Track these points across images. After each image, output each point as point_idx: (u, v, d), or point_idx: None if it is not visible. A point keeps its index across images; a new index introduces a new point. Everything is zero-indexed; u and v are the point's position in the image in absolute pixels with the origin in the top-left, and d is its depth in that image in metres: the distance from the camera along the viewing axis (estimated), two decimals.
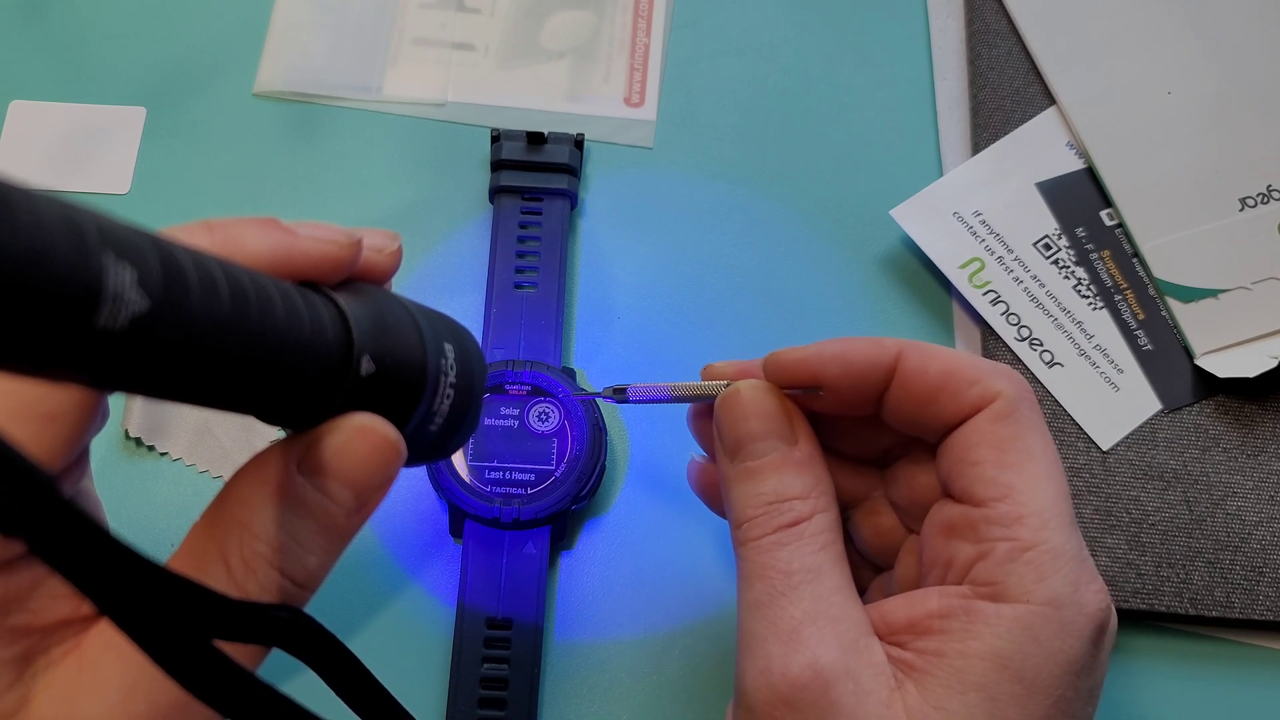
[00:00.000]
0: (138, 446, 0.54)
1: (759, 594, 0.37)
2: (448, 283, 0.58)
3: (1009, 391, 0.37)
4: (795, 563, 0.37)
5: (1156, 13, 0.62)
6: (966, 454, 0.37)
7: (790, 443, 0.39)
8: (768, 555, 0.37)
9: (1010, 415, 0.37)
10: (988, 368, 0.38)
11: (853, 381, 0.38)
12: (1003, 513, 0.35)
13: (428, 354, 0.32)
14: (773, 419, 0.39)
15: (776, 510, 0.38)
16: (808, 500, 0.38)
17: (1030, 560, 0.34)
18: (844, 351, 0.38)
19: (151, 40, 0.64)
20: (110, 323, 0.20)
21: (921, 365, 0.38)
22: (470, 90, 0.63)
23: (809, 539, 0.37)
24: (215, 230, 0.30)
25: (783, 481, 0.38)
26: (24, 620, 0.29)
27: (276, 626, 0.27)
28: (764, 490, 0.38)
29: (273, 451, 0.30)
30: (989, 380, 0.37)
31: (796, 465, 0.39)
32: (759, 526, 0.38)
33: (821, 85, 0.64)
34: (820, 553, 0.37)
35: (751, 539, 0.38)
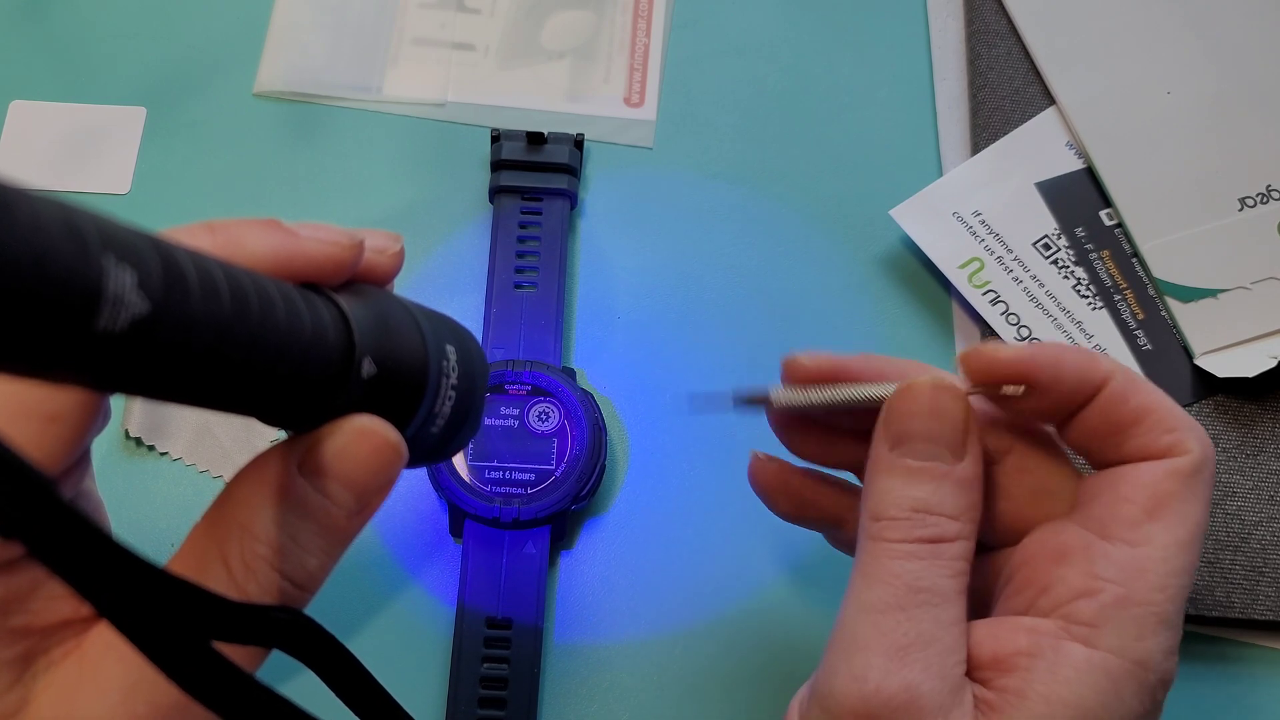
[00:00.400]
0: (138, 446, 0.54)
1: (877, 598, 0.35)
2: (448, 283, 0.58)
3: (1198, 454, 0.36)
4: (925, 580, 0.35)
5: (1156, 13, 0.62)
6: (1125, 489, 0.36)
7: (958, 457, 0.37)
8: (898, 563, 0.35)
9: (1190, 477, 0.35)
10: (1187, 421, 0.36)
11: (1057, 390, 0.37)
12: (1128, 558, 0.34)
13: (429, 356, 0.32)
14: (950, 425, 0.37)
15: (921, 520, 0.36)
16: (956, 522, 0.36)
17: (1137, 616, 0.34)
18: (1059, 359, 0.37)
19: (151, 40, 0.64)
20: (110, 325, 0.20)
21: (1125, 395, 0.36)
22: (470, 90, 0.63)
23: (945, 562, 0.36)
24: (217, 231, 0.30)
25: (937, 494, 0.36)
26: (24, 621, 0.29)
27: (276, 628, 0.27)
28: (915, 494, 0.36)
29: (273, 453, 0.30)
30: (1185, 433, 0.36)
31: (956, 482, 0.36)
32: (899, 530, 0.36)
33: (821, 85, 0.64)
34: (952, 579, 0.35)
35: (886, 539, 0.36)
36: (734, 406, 0.39)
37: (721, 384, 0.57)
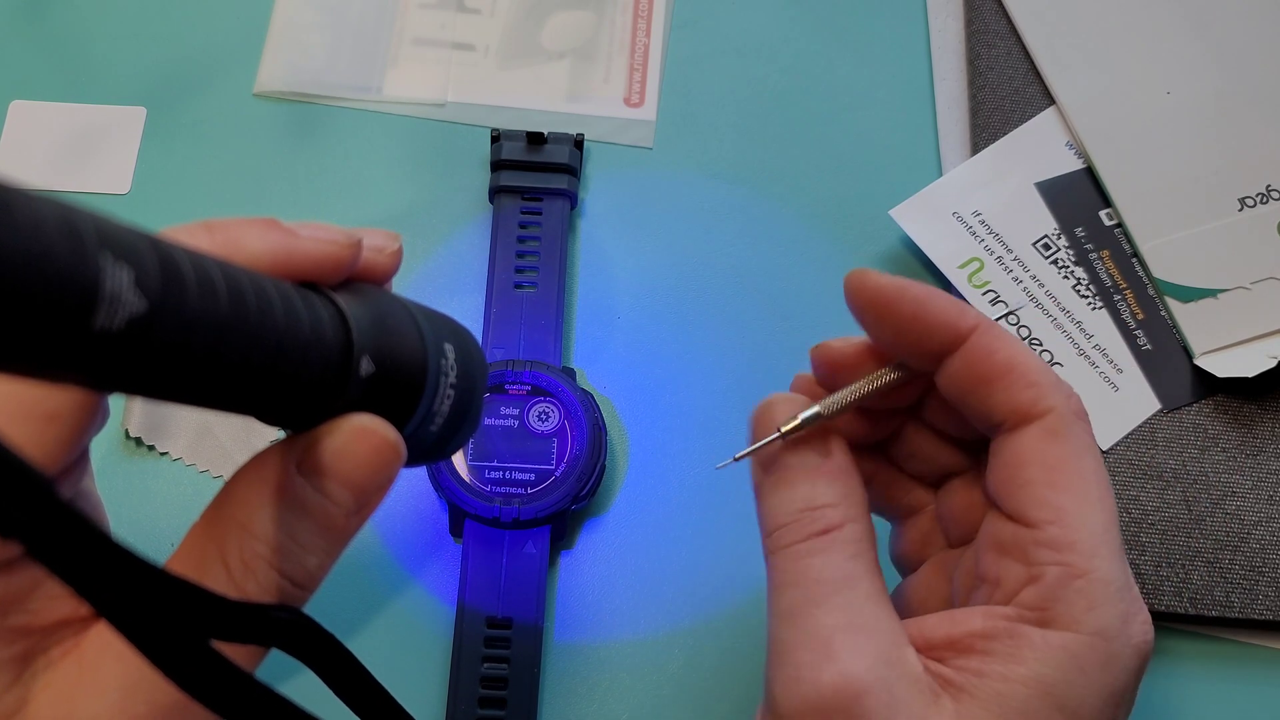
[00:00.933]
0: (138, 446, 0.54)
1: (791, 602, 0.36)
2: (448, 283, 0.58)
3: (1062, 408, 0.36)
4: (828, 571, 0.36)
5: (1156, 13, 0.62)
6: (1018, 472, 0.36)
7: (823, 454, 0.38)
8: (800, 563, 0.36)
9: (1063, 434, 0.36)
10: (1050, 377, 0.37)
11: (922, 331, 0.37)
12: (1054, 536, 0.34)
13: (428, 354, 0.32)
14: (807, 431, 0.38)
15: (809, 517, 0.37)
16: (839, 508, 0.37)
17: (1081, 589, 0.34)
18: (928, 299, 0.37)
19: (151, 40, 0.64)
20: (108, 324, 0.20)
21: (990, 347, 0.37)
22: (470, 90, 0.63)
23: (841, 546, 0.36)
24: (215, 231, 0.30)
25: (815, 488, 0.37)
26: (23, 620, 0.29)
27: (275, 627, 0.27)
28: (796, 497, 0.37)
29: (272, 452, 0.30)
30: (1046, 389, 0.36)
31: (829, 474, 0.38)
32: (791, 533, 0.37)
33: (821, 85, 0.64)
34: (853, 561, 0.36)
35: (783, 546, 0.37)
36: (783, 440, 0.39)
37: (721, 384, 0.57)
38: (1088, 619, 0.33)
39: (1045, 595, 0.34)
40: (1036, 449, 0.36)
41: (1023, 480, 0.36)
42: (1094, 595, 0.34)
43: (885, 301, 0.38)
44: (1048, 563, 0.34)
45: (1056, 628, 0.34)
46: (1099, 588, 0.34)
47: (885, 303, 0.38)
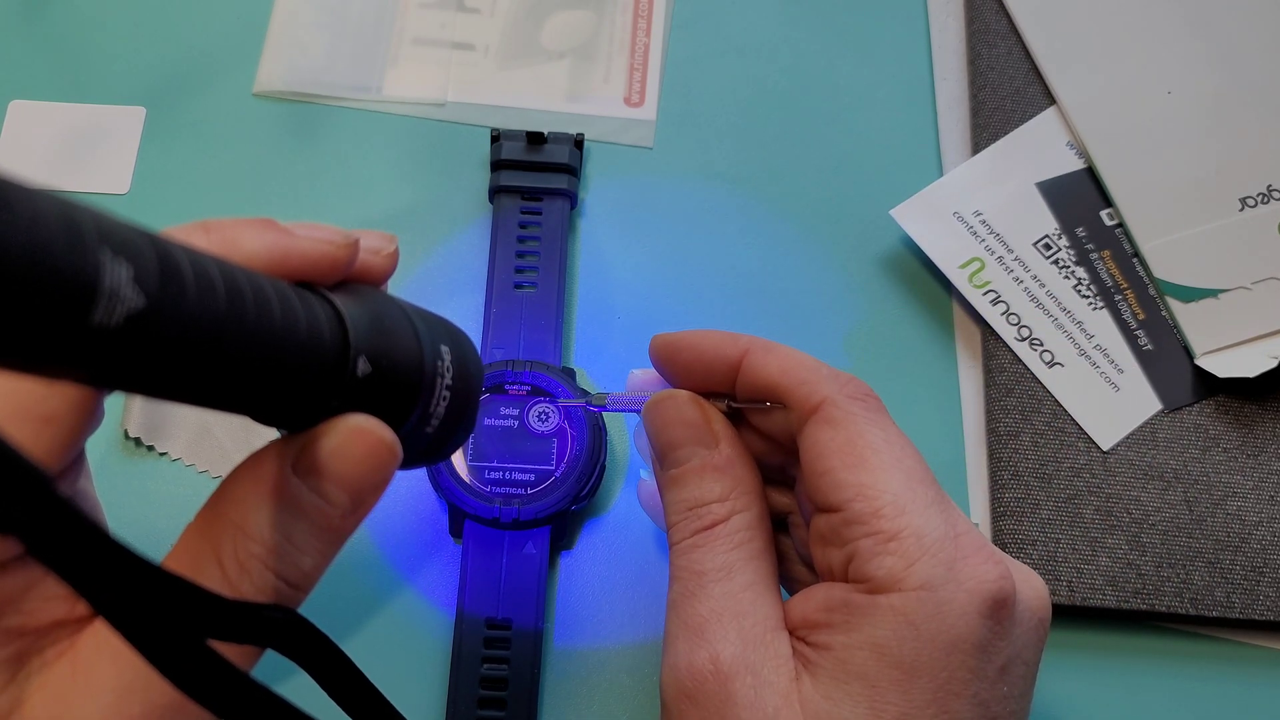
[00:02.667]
0: (137, 446, 0.54)
1: (675, 594, 0.38)
2: (448, 283, 0.58)
3: (834, 394, 0.38)
4: (708, 563, 0.38)
5: (1156, 13, 0.62)
6: (814, 465, 0.38)
7: (710, 446, 0.40)
8: (685, 557, 0.39)
9: (840, 419, 0.38)
10: (822, 372, 0.39)
11: (705, 369, 0.41)
12: (858, 511, 0.36)
13: (424, 356, 0.32)
14: (692, 424, 0.41)
15: (695, 515, 0.39)
16: (725, 503, 0.39)
17: (894, 549, 0.35)
18: (699, 341, 0.41)
19: (151, 40, 0.64)
20: (106, 320, 0.20)
21: (761, 362, 0.40)
22: (470, 90, 0.63)
23: (723, 539, 0.38)
24: (212, 231, 0.30)
25: (701, 486, 0.40)
26: (18, 621, 0.29)
27: (270, 627, 0.27)
28: (685, 496, 0.40)
29: (268, 452, 0.30)
30: (816, 382, 0.38)
31: (715, 470, 0.40)
32: (679, 530, 0.39)
33: (821, 85, 0.64)
34: (733, 551, 0.38)
35: (673, 543, 0.40)
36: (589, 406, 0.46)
37: None
38: (908, 576, 0.35)
39: (865, 566, 0.35)
40: (823, 439, 0.38)
41: (819, 471, 0.37)
42: (908, 552, 0.35)
43: (669, 350, 0.42)
44: (858, 537, 0.36)
45: (881, 591, 0.35)
46: (911, 544, 0.35)
47: (669, 351, 0.42)
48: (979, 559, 0.35)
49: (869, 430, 0.37)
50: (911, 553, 0.35)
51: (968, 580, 0.35)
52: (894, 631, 0.34)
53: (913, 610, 0.34)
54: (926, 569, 0.35)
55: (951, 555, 0.35)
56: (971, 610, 0.34)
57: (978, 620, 0.35)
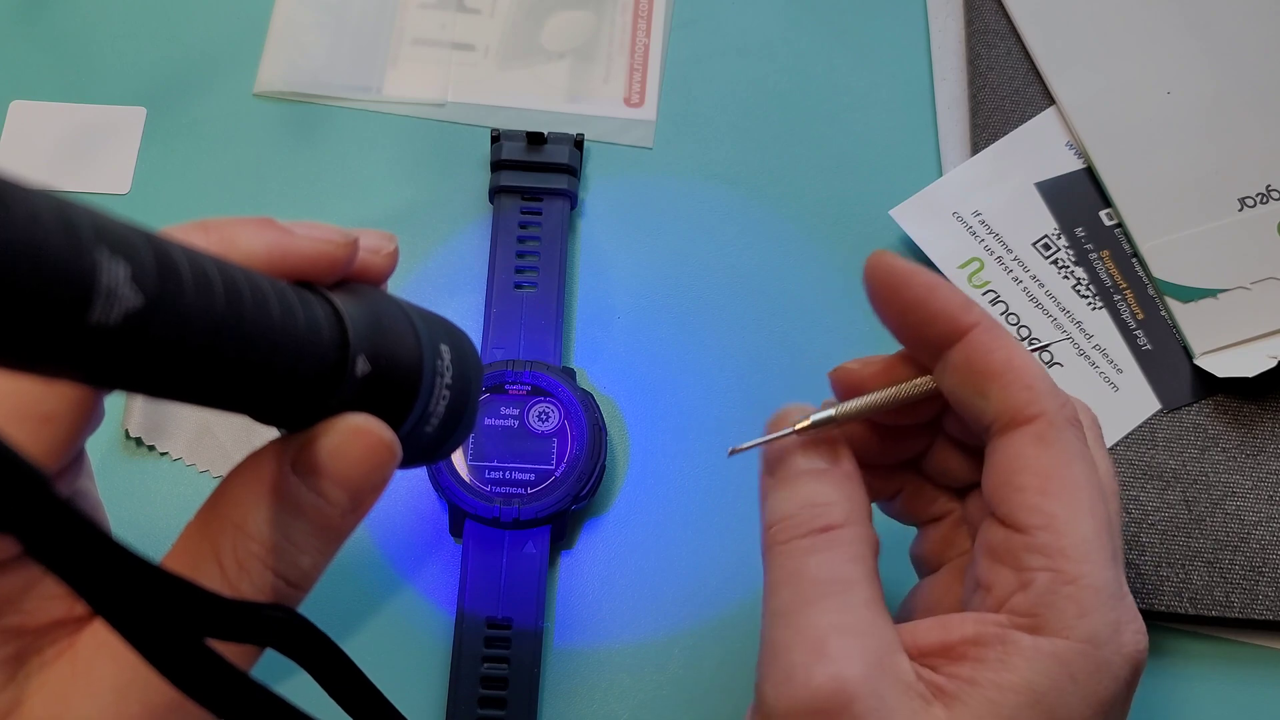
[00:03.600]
0: (138, 446, 0.54)
1: (786, 601, 0.36)
2: (448, 283, 0.58)
3: (1053, 413, 0.36)
4: (826, 571, 0.35)
5: (1156, 13, 0.62)
6: (1010, 478, 0.36)
7: (830, 460, 0.38)
8: (798, 560, 0.36)
9: (1054, 440, 0.36)
10: (1046, 383, 0.37)
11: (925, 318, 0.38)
12: (1045, 542, 0.34)
13: (423, 355, 0.32)
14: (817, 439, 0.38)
15: (810, 513, 0.37)
16: (841, 507, 0.37)
17: (1071, 595, 0.34)
18: (934, 287, 0.38)
19: (151, 40, 0.64)
20: (103, 318, 0.20)
21: (989, 345, 0.37)
22: (470, 90, 0.63)
23: (842, 548, 0.36)
24: (211, 230, 0.30)
25: (819, 489, 0.37)
26: (17, 621, 0.29)
27: (269, 626, 0.27)
28: (799, 494, 0.37)
29: (267, 451, 0.30)
30: (1039, 394, 0.36)
31: (834, 478, 0.38)
32: (791, 528, 0.37)
33: (821, 85, 0.64)
34: (852, 564, 0.36)
35: (781, 542, 0.37)
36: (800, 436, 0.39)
37: (721, 383, 0.57)
38: (1078, 625, 0.33)
39: (1035, 601, 0.34)
40: (1027, 454, 0.36)
41: (1015, 485, 0.36)
42: (1084, 601, 0.33)
43: (895, 283, 0.38)
44: (1038, 568, 0.34)
45: (1047, 634, 0.33)
46: (1089, 594, 0.34)
47: (895, 284, 0.38)
48: (1136, 625, 0.35)
49: (1077, 463, 0.36)
50: (1086, 604, 0.33)
51: (1127, 645, 0.34)
52: (1053, 681, 0.33)
53: (1076, 663, 0.33)
54: (1096, 624, 0.33)
55: (1118, 615, 0.34)
56: (1123, 675, 0.34)
57: (1125, 686, 0.34)
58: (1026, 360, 0.37)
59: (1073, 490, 0.35)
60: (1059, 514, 0.35)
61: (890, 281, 0.38)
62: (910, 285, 0.38)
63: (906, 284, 0.38)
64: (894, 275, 0.38)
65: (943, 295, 0.37)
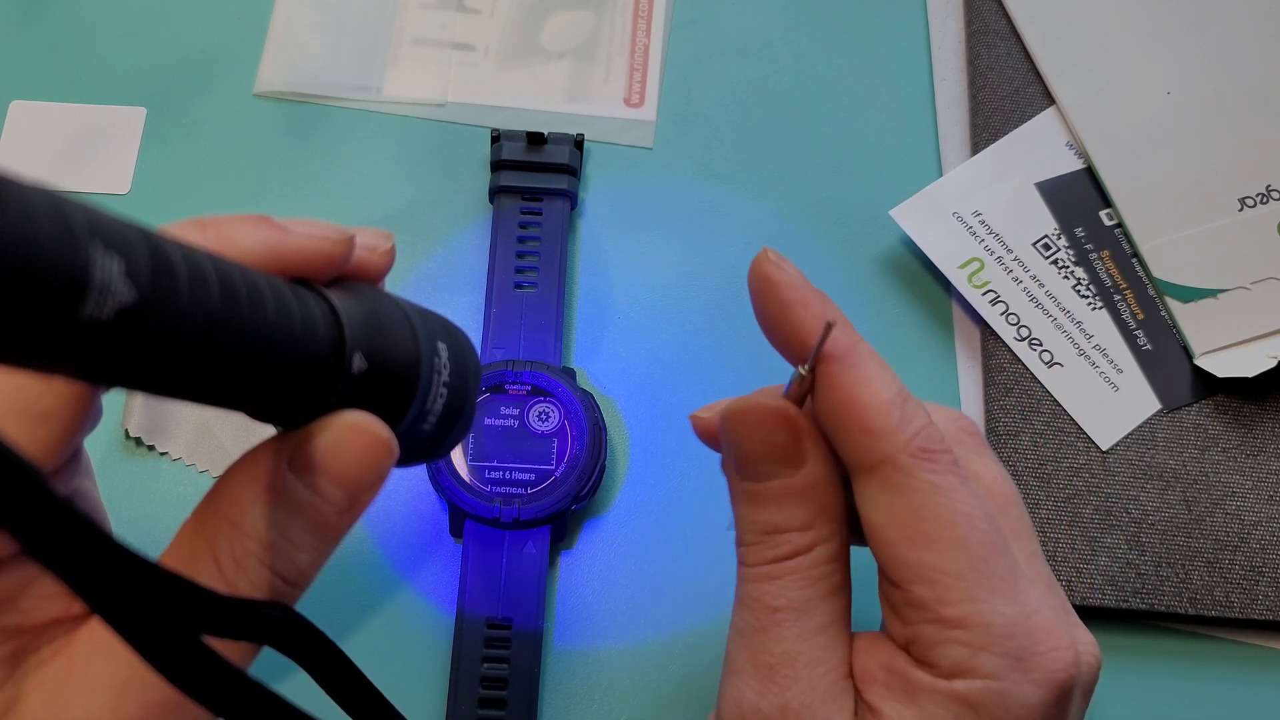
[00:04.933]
0: (138, 446, 0.54)
1: (744, 623, 0.36)
2: (448, 283, 0.58)
3: (897, 457, 0.34)
4: (782, 598, 0.35)
5: (1156, 13, 0.62)
6: (873, 533, 0.35)
7: (795, 466, 0.36)
8: (757, 586, 0.36)
9: (902, 486, 0.34)
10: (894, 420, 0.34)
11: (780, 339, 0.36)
12: (919, 595, 0.34)
13: (420, 352, 0.31)
14: (775, 440, 0.36)
15: (772, 541, 0.36)
16: (807, 533, 0.36)
17: (959, 638, 0.33)
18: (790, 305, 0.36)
19: (151, 40, 0.64)
20: (97, 313, 0.20)
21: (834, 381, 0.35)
22: (470, 90, 0.63)
23: (801, 574, 0.36)
24: (207, 227, 0.30)
25: (781, 511, 0.36)
26: (14, 620, 0.29)
27: (266, 624, 0.27)
28: (762, 518, 0.36)
29: (264, 449, 0.30)
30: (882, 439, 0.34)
31: (799, 493, 0.36)
32: (753, 554, 0.36)
33: (821, 85, 0.64)
34: (810, 588, 0.35)
35: (745, 564, 0.37)
36: None
37: (721, 383, 0.57)
38: (973, 664, 0.33)
39: (927, 651, 0.34)
40: (880, 505, 0.35)
41: (880, 542, 0.35)
42: (973, 641, 0.33)
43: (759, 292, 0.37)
44: (919, 621, 0.34)
45: (944, 676, 0.33)
46: (977, 633, 0.33)
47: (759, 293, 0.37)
48: (1049, 644, 0.33)
49: (932, 500, 0.34)
50: (977, 642, 0.33)
51: (1036, 670, 0.33)
52: (955, 715, 0.33)
53: (976, 699, 0.33)
54: (991, 660, 0.33)
55: (1020, 644, 0.33)
56: (1036, 700, 0.33)
57: (1041, 709, 0.33)
58: (870, 394, 0.35)
59: (934, 530, 0.34)
60: (926, 562, 0.34)
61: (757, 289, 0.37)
62: (772, 298, 0.36)
63: (769, 295, 0.36)
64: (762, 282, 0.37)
65: (796, 317, 0.36)
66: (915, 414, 0.35)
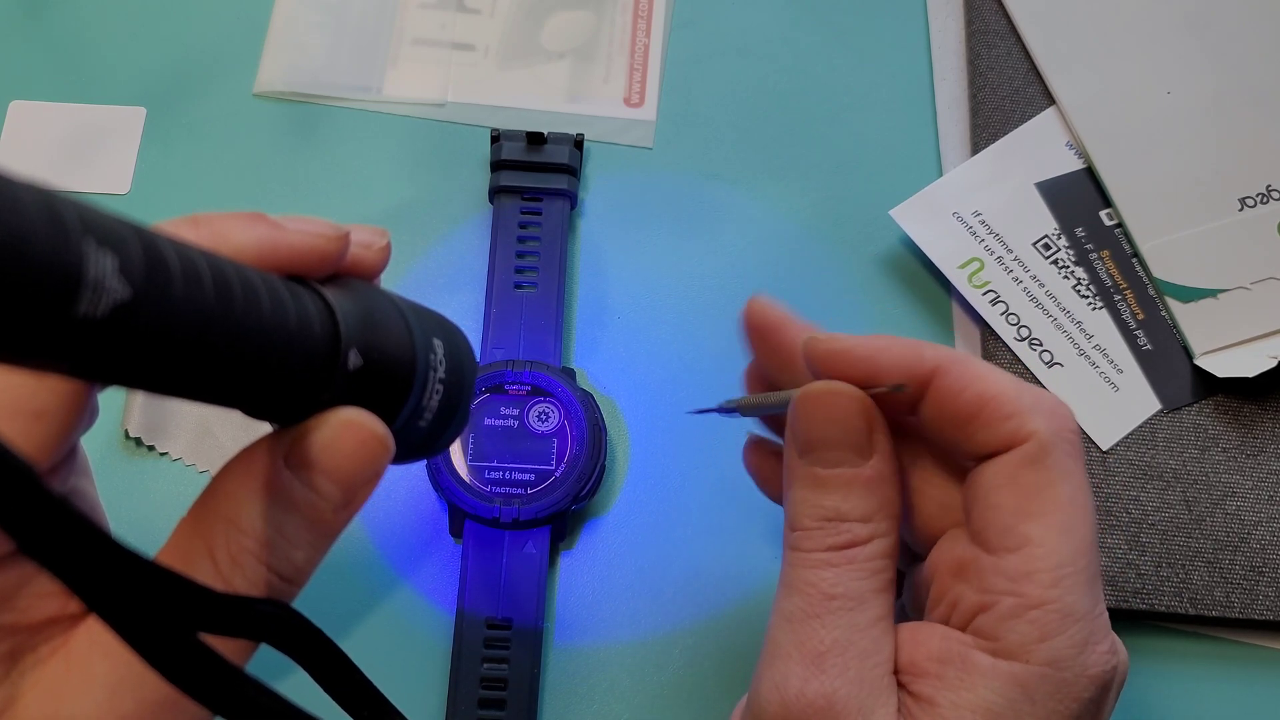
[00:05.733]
0: (138, 446, 0.54)
1: (795, 608, 0.36)
2: (447, 282, 0.58)
3: (1043, 433, 0.35)
4: (839, 587, 0.35)
5: (1156, 13, 0.62)
6: (988, 495, 0.35)
7: (864, 457, 0.37)
8: (813, 572, 0.36)
9: (1041, 460, 0.35)
10: (1028, 401, 0.36)
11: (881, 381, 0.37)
12: (1013, 566, 0.34)
13: (416, 349, 0.31)
14: (851, 427, 0.37)
15: (834, 529, 0.36)
16: (868, 525, 0.36)
17: (1035, 619, 0.33)
18: (877, 353, 0.37)
19: (151, 40, 0.64)
20: (90, 310, 0.20)
21: (958, 387, 0.36)
22: (470, 90, 0.63)
23: (859, 565, 0.36)
24: (202, 225, 0.30)
25: (847, 500, 0.36)
26: (11, 618, 0.29)
27: (263, 621, 0.27)
28: (825, 504, 0.37)
29: (259, 446, 0.30)
30: (1025, 416, 0.35)
31: (865, 484, 0.37)
32: (812, 540, 0.36)
33: (821, 85, 0.64)
34: (867, 580, 0.36)
35: (800, 549, 0.37)
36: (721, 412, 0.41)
37: (721, 383, 0.57)
38: (1039, 650, 0.33)
39: (998, 625, 0.34)
40: (1012, 475, 0.35)
41: (992, 504, 0.35)
42: (1048, 626, 0.33)
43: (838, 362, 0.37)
44: (1002, 592, 0.34)
45: (1006, 657, 0.34)
46: (1054, 619, 0.33)
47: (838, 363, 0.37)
48: (1105, 645, 0.34)
49: (1061, 482, 0.35)
50: (1051, 628, 0.33)
51: (1092, 666, 0.34)
52: (1009, 702, 0.33)
53: (1034, 685, 0.33)
54: (1059, 647, 0.33)
55: (1086, 637, 0.34)
56: (1087, 694, 0.34)
57: (1090, 704, 0.34)
58: (999, 386, 0.36)
59: (1055, 510, 0.35)
60: (1033, 536, 0.34)
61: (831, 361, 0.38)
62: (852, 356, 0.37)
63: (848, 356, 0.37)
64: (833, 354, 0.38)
65: (891, 353, 0.37)
66: (1040, 395, 0.36)
